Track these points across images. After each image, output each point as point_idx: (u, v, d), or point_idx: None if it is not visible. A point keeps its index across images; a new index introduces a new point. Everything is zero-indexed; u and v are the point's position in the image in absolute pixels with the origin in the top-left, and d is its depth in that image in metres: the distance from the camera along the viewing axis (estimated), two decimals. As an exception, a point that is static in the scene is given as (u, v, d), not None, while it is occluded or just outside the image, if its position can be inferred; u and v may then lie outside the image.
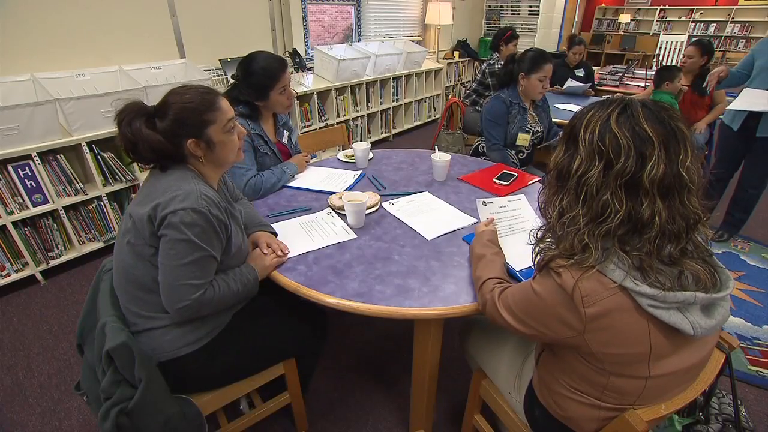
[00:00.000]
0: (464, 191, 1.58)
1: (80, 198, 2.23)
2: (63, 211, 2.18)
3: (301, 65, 3.42)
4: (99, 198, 2.31)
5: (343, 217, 1.38)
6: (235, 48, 3.18)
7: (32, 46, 2.29)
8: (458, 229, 1.31)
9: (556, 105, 3.18)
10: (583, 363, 0.79)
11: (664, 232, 0.68)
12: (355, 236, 1.29)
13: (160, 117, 0.97)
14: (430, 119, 5.16)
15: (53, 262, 2.25)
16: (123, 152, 0.99)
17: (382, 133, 4.42)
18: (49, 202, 2.13)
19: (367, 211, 1.39)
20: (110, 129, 2.21)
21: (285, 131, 1.79)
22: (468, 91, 3.38)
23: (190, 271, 0.95)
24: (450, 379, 1.64)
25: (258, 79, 1.52)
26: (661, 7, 10.18)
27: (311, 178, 1.71)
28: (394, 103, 4.44)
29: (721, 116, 2.55)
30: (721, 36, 9.66)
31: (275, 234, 1.27)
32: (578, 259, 0.71)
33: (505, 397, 1.12)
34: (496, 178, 1.66)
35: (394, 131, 4.60)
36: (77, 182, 2.20)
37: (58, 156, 2.12)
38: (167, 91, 1.02)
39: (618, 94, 3.20)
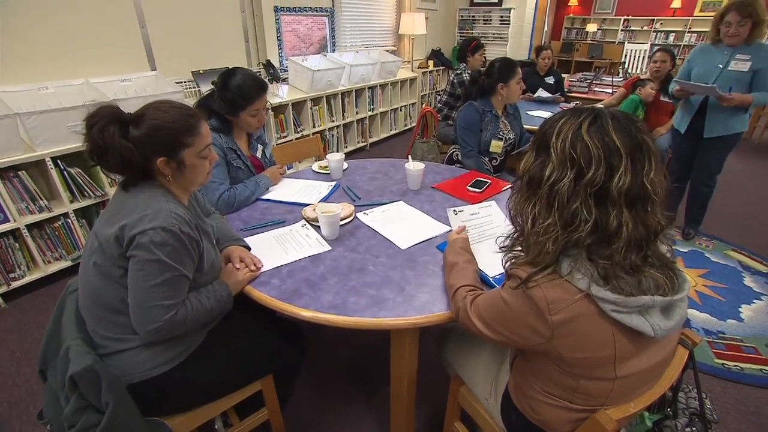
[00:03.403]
0: (438, 199, 1.60)
1: (45, 215, 2.15)
2: (26, 230, 2.09)
3: (275, 76, 3.42)
4: (66, 215, 2.23)
5: (317, 228, 1.37)
6: (208, 60, 3.15)
7: (-9, 59, 2.22)
8: (432, 238, 1.32)
9: (527, 112, 3.27)
10: (554, 368, 0.80)
11: (630, 241, 0.70)
12: (330, 248, 1.28)
13: (135, 128, 0.95)
14: (406, 128, 5.21)
15: (15, 284, 2.15)
16: (88, 157, 0.95)
17: (358, 142, 4.44)
18: (9, 221, 2.04)
19: (342, 222, 1.39)
20: (76, 144, 2.15)
21: (259, 145, 1.77)
22: (440, 105, 3.43)
23: (161, 291, 0.93)
24: (430, 387, 1.64)
25: (232, 96, 1.51)
26: (625, 17, 10.64)
27: (285, 190, 1.70)
28: (370, 113, 4.46)
29: (674, 123, 2.68)
30: (680, 45, 10.18)
31: (248, 248, 1.25)
32: (546, 266, 0.73)
33: (482, 403, 1.13)
34: (470, 186, 1.69)
35: (370, 140, 4.62)
36: (41, 199, 2.12)
37: (20, 172, 2.04)
38: (148, 104, 1.00)
39: (580, 104, 3.33)
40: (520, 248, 0.81)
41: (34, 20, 2.30)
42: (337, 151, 4.07)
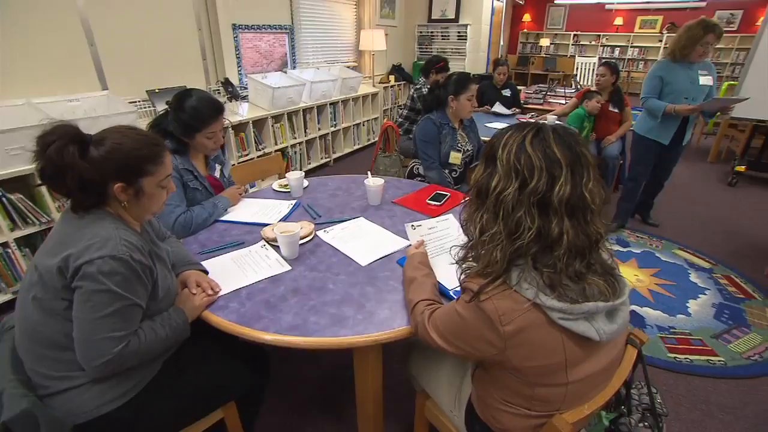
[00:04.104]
0: (399, 214, 1.63)
1: (-19, 246, 2.01)
2: (-40, 262, 1.95)
3: (235, 94, 3.38)
4: (5, 245, 2.09)
5: (277, 248, 1.36)
6: (164, 78, 3.07)
7: None
8: (392, 253, 1.34)
9: (485, 124, 3.38)
10: (510, 377, 0.83)
11: (572, 249, 0.74)
12: (290, 268, 1.27)
13: (96, 149, 0.91)
14: (369, 142, 5.25)
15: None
16: (38, 176, 0.90)
17: (322, 158, 4.44)
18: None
19: (302, 241, 1.39)
20: (16, 168, 2.03)
21: (217, 165, 1.74)
22: (400, 119, 3.50)
23: (111, 322, 0.89)
24: (398, 402, 1.63)
25: (187, 118, 1.48)
26: (574, 32, 11.27)
27: (245, 210, 1.68)
28: (333, 129, 4.48)
29: (648, 135, 2.78)
30: (625, 58, 10.89)
31: (206, 272, 1.22)
32: (496, 276, 0.76)
33: (448, 416, 1.14)
34: (430, 199, 1.72)
35: (334, 156, 4.62)
36: (-24, 228, 1.99)
37: (-48, 200, 1.91)
38: (111, 127, 0.97)
39: (536, 115, 3.46)
40: (472, 259, 0.84)
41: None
42: (301, 168, 4.06)
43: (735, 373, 1.87)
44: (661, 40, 10.28)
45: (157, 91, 2.94)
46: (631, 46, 10.64)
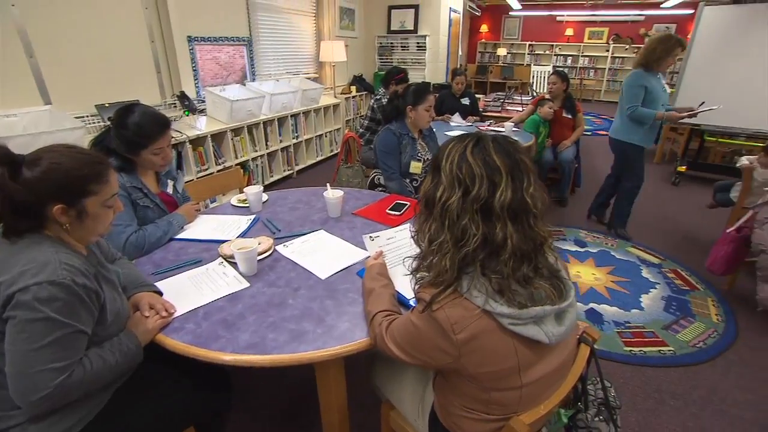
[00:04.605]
0: (359, 225, 1.63)
1: None
2: None
3: (191, 108, 3.29)
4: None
5: (235, 266, 1.33)
6: (115, 92, 2.95)
7: None
8: (352, 265, 1.34)
9: (445, 133, 3.46)
10: (467, 383, 0.84)
11: (516, 253, 0.76)
12: (248, 284, 1.25)
13: (29, 170, 0.86)
14: (332, 153, 5.24)
15: None
16: None
17: (284, 170, 4.39)
18: None
19: (260, 257, 1.36)
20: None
21: (169, 180, 1.69)
22: (361, 130, 3.52)
23: (50, 353, 0.84)
24: (364, 412, 1.62)
25: (130, 135, 1.42)
26: (529, 42, 11.77)
27: (202, 227, 1.63)
28: (294, 141, 4.45)
29: (634, 141, 2.91)
30: (577, 66, 11.48)
31: (160, 293, 1.18)
32: (447, 285, 0.77)
33: (412, 425, 1.14)
34: (390, 209, 1.74)
35: (297, 168, 4.58)
36: None
37: None
38: (48, 146, 0.92)
39: (493, 122, 3.57)
40: (425, 269, 0.85)
41: None
42: (263, 181, 4.00)
43: (683, 361, 1.98)
44: (608, 50, 10.93)
45: (107, 105, 2.82)
46: (582, 56, 11.26)
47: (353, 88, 5.87)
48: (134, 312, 1.09)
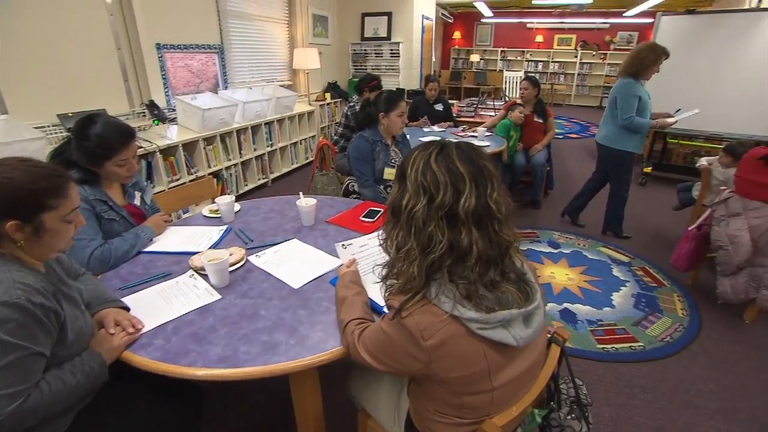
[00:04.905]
0: (332, 233, 1.63)
1: None
2: None
3: (161, 117, 3.23)
4: None
5: (206, 277, 1.30)
6: (79, 101, 2.86)
7: None
8: (325, 273, 1.33)
9: (419, 138, 3.49)
10: (439, 388, 0.85)
11: (482, 258, 0.77)
12: (220, 296, 1.23)
13: None
14: (308, 161, 5.22)
15: None
16: None
17: (259, 179, 4.34)
18: None
19: (232, 268, 1.34)
20: None
21: (136, 192, 1.65)
22: (336, 137, 3.52)
23: (2, 378, 0.79)
24: (341, 422, 1.60)
25: (92, 146, 1.38)
26: (501, 48, 12.05)
27: (172, 239, 1.59)
28: (269, 149, 4.41)
29: (628, 149, 2.98)
30: (547, 72, 11.83)
31: (127, 309, 1.14)
32: (416, 292, 0.78)
33: (389, 432, 1.14)
34: (363, 216, 1.74)
35: (271, 176, 4.54)
36: None
37: None
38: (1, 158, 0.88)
39: (467, 128, 3.62)
40: (394, 277, 0.86)
41: None
42: (237, 190, 3.95)
43: (652, 355, 2.05)
44: (576, 56, 11.31)
45: (70, 114, 2.73)
46: (552, 61, 11.61)
47: (328, 95, 5.87)
48: (99, 329, 1.05)
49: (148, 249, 1.51)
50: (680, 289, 2.63)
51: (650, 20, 8.99)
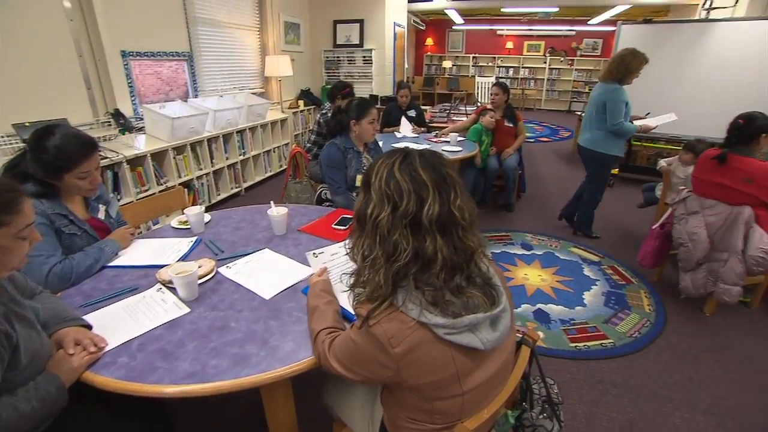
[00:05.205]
0: (304, 242, 1.61)
1: None
2: None
3: (128, 126, 3.13)
4: None
5: (174, 291, 1.27)
6: (38, 110, 2.75)
7: None
8: (297, 283, 1.32)
9: (392, 145, 3.51)
10: (409, 395, 0.85)
11: (447, 264, 0.78)
12: (189, 310, 1.20)
13: None
14: (281, 169, 5.17)
15: None
16: None
17: (232, 188, 4.26)
18: None
19: (202, 280, 1.31)
20: None
21: (100, 205, 1.59)
22: (309, 144, 3.51)
23: None
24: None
25: (50, 159, 1.31)
26: (473, 54, 12.30)
27: (138, 252, 1.55)
28: (242, 157, 4.34)
29: (613, 153, 3.06)
30: (518, 77, 12.14)
31: (89, 327, 1.10)
32: (383, 300, 0.78)
33: (365, 441, 1.13)
34: (336, 224, 1.74)
35: (245, 185, 4.47)
36: None
37: None
38: None
39: (440, 133, 3.66)
40: (361, 285, 0.86)
41: None
42: (209, 200, 3.87)
43: (622, 351, 2.12)
44: (545, 62, 11.67)
45: (27, 124, 2.60)
46: (522, 67, 11.93)
47: (301, 102, 5.84)
48: (57, 350, 1.01)
49: (113, 263, 1.46)
50: (647, 286, 2.73)
51: (613, 28, 9.38)
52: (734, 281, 2.16)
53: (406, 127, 4.08)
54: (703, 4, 4.62)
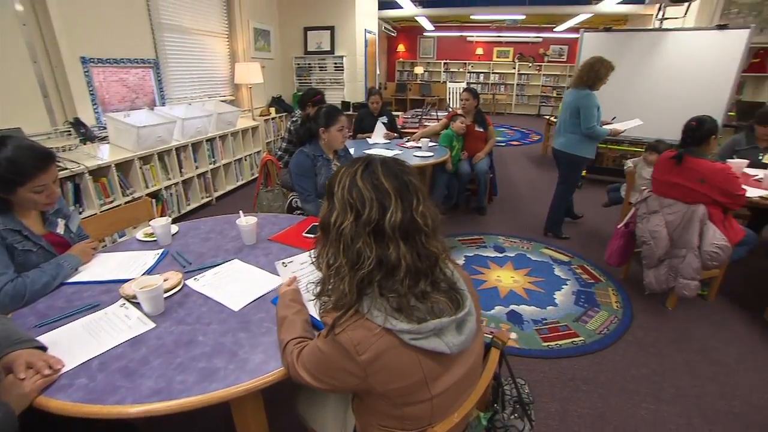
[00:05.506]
0: (275, 251, 1.59)
1: None
2: None
3: (89, 136, 3.02)
4: None
5: (139, 306, 1.23)
6: (-13, 118, 2.62)
7: None
8: (267, 293, 1.30)
9: (364, 151, 3.53)
10: (379, 401, 0.85)
11: (411, 271, 0.78)
12: (154, 325, 1.16)
13: None
14: (253, 177, 5.09)
15: None
16: None
17: (202, 198, 4.16)
18: None
19: (168, 294, 1.28)
20: None
21: (59, 220, 1.52)
22: (280, 152, 3.48)
23: None
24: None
25: (2, 172, 1.25)
26: (444, 60, 12.51)
27: (101, 267, 1.49)
28: (212, 166, 4.26)
29: (587, 155, 3.19)
30: (488, 83, 12.42)
31: (44, 348, 1.05)
32: (348, 307, 0.78)
33: (339, 450, 1.12)
34: (306, 232, 1.73)
35: (215, 194, 4.38)
36: None
37: None
38: None
39: (412, 138, 3.69)
40: (327, 294, 0.86)
41: None
42: (179, 210, 3.77)
43: (591, 348, 2.18)
44: (514, 68, 11.99)
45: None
46: (492, 73, 12.22)
47: (272, 109, 5.79)
48: (7, 375, 0.95)
49: (72, 279, 1.40)
50: (614, 284, 2.82)
51: (577, 35, 9.76)
52: (692, 276, 2.26)
53: (378, 134, 4.09)
54: (657, 15, 4.86)
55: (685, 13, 4.99)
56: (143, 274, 1.43)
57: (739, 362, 2.09)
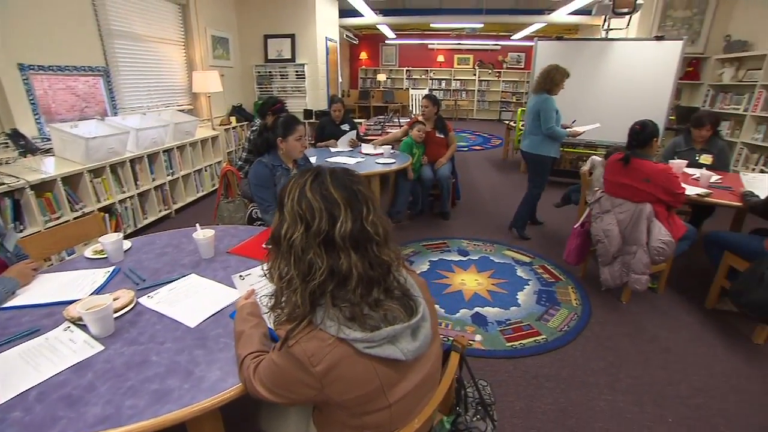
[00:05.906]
0: (234, 264, 1.55)
1: None
2: None
3: (30, 148, 2.83)
4: None
5: (86, 328, 1.16)
6: None
7: None
8: (224, 308, 1.26)
9: (326, 159, 3.51)
10: (338, 412, 0.84)
11: (363, 280, 0.78)
12: (102, 347, 1.10)
13: None
14: (214, 188, 4.94)
15: None
16: None
17: (160, 211, 3.99)
18: None
19: (118, 314, 1.21)
20: None
21: (-6, 239, 1.42)
22: (240, 162, 3.41)
23: None
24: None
25: None
26: (406, 68, 12.71)
27: (42, 288, 1.40)
28: (170, 178, 4.10)
29: (549, 154, 3.35)
30: (450, 89, 12.72)
31: None
32: (301, 319, 0.77)
33: (302, 465, 1.10)
34: (266, 244, 1.69)
35: (174, 207, 4.22)
36: None
37: None
38: None
39: (373, 145, 3.69)
40: (281, 306, 0.84)
41: None
42: (135, 225, 3.61)
43: (553, 345, 2.25)
44: (475, 74, 12.33)
45: None
46: (454, 79, 12.53)
47: (233, 118, 5.66)
48: None
49: (9, 304, 1.31)
50: (573, 282, 2.93)
51: (532, 43, 10.20)
52: (642, 270, 2.39)
53: (344, 141, 4.08)
54: (603, 25, 5.16)
55: (627, 24, 5.31)
56: (92, 293, 1.36)
57: (686, 348, 2.23)
